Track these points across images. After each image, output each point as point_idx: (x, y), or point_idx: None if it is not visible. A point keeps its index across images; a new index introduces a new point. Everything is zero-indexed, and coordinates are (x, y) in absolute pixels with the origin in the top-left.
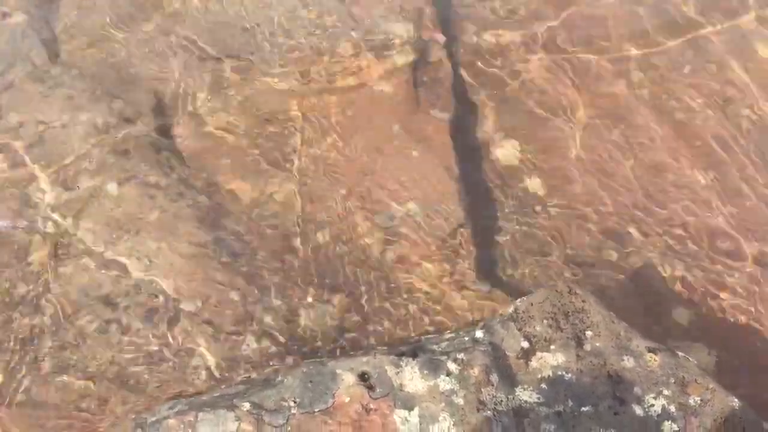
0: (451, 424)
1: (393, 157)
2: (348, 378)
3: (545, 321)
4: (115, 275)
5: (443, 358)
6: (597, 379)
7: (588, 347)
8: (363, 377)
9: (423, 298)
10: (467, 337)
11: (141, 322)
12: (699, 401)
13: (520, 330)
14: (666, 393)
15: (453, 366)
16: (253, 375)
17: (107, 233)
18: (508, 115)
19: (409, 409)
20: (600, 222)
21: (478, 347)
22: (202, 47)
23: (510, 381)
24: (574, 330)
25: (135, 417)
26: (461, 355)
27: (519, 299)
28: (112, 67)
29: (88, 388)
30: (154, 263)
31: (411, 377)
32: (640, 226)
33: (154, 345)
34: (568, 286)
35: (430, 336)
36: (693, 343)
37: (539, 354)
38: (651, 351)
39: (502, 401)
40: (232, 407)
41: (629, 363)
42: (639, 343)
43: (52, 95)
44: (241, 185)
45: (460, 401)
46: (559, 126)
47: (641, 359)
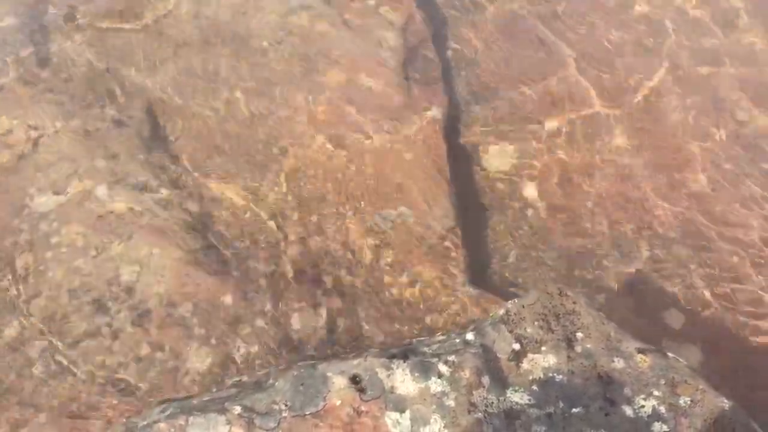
0: (442, 426)
1: (385, 160)
2: (339, 381)
3: (536, 323)
4: (106, 279)
5: (434, 360)
6: (588, 381)
7: (579, 349)
8: (354, 380)
9: (414, 301)
10: (458, 340)
11: (132, 326)
12: (689, 402)
13: (511, 332)
14: (656, 394)
15: (444, 368)
16: (244, 378)
17: (97, 237)
18: (502, 117)
19: (401, 412)
20: (592, 225)
21: (469, 349)
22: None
23: (501, 383)
24: (564, 332)
25: (126, 421)
26: (452, 358)
27: (510, 301)
28: (103, 71)
29: (78, 392)
30: (145, 267)
31: (402, 379)
32: (634, 228)
33: (144, 349)
34: (558, 288)
35: (421, 338)
36: (683, 345)
37: (530, 356)
38: (641, 352)
39: (493, 403)
40: (222, 411)
41: (619, 364)
42: (629, 345)
43: (43, 100)
44: (233, 187)
45: (451, 403)
46: (552, 129)
47: (631, 360)
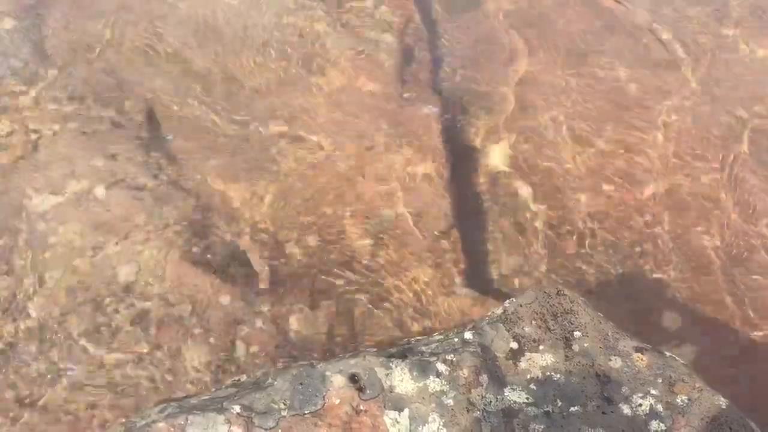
0: (441, 424)
1: (382, 160)
2: (338, 380)
3: (534, 322)
4: (104, 279)
5: (433, 359)
6: (585, 380)
7: (576, 348)
8: (353, 379)
9: (412, 301)
10: (456, 339)
11: (130, 325)
12: (686, 400)
13: (509, 331)
14: (654, 392)
15: (442, 367)
16: (243, 378)
17: (95, 237)
18: (499, 116)
19: (399, 411)
20: (590, 226)
21: (467, 348)
22: (191, 51)
23: (499, 382)
24: (562, 331)
25: (124, 421)
26: (451, 356)
27: (508, 300)
28: (102, 72)
29: (76, 391)
30: (143, 267)
31: (401, 378)
32: (631, 228)
33: (143, 348)
34: (556, 287)
35: (419, 338)
36: (680, 344)
37: (528, 355)
38: (638, 351)
39: (491, 402)
40: (222, 410)
41: (617, 363)
42: (626, 344)
43: (41, 100)
44: (231, 188)
45: (449, 402)
46: (551, 128)
47: (629, 359)
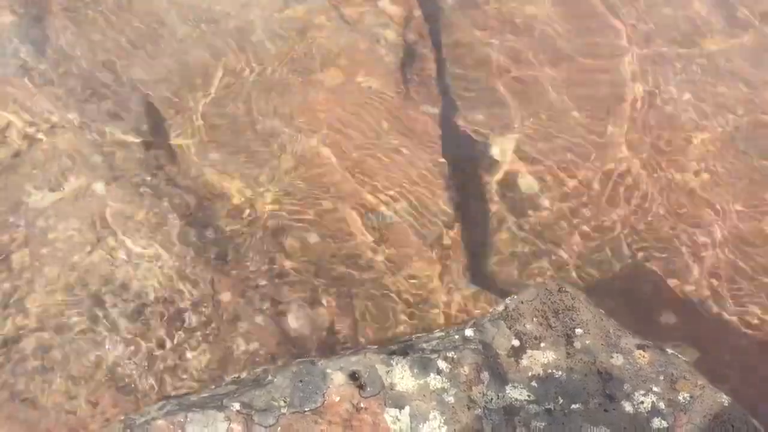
0: (442, 422)
1: (383, 156)
2: (338, 377)
3: (535, 319)
4: (103, 275)
5: (433, 356)
6: (587, 377)
7: (578, 345)
8: (353, 376)
9: (413, 298)
10: (457, 336)
11: (129, 321)
12: (688, 398)
13: (510, 328)
14: (655, 390)
15: (443, 364)
16: (243, 375)
17: (94, 233)
18: (499, 112)
19: (400, 408)
20: (592, 222)
21: (468, 345)
22: (191, 46)
23: (500, 379)
24: (564, 328)
25: (124, 418)
26: (451, 354)
27: (509, 297)
28: (101, 66)
29: (75, 388)
30: (142, 263)
31: (401, 376)
32: (632, 226)
33: (142, 345)
34: (557, 284)
35: (420, 335)
36: (682, 342)
37: (529, 352)
38: (640, 348)
39: (492, 399)
40: (221, 407)
41: (619, 360)
42: (628, 341)
43: (39, 95)
44: (231, 184)
45: (450, 400)
46: (551, 122)
47: (630, 356)
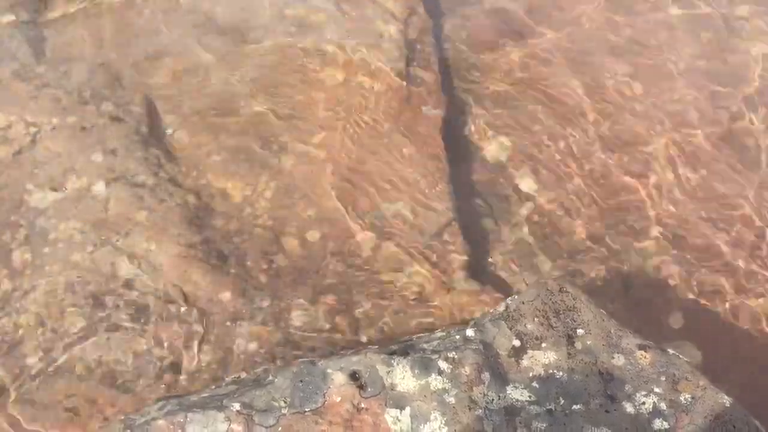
0: (443, 422)
1: (383, 155)
2: (339, 377)
3: (536, 319)
4: (104, 275)
5: (434, 356)
6: (588, 377)
7: (579, 345)
8: (354, 376)
9: (413, 297)
10: (458, 336)
11: (130, 321)
12: (690, 399)
13: (511, 328)
14: (657, 390)
15: (444, 365)
16: (243, 375)
17: (95, 233)
18: (498, 112)
19: (401, 408)
20: (591, 221)
21: (469, 346)
22: (191, 45)
23: (501, 379)
24: (565, 328)
25: (124, 418)
26: (452, 354)
27: (510, 297)
28: (101, 66)
29: (75, 388)
30: (143, 264)
31: (402, 376)
32: (632, 225)
33: (142, 345)
34: (559, 284)
35: (421, 335)
36: (684, 342)
37: (530, 352)
38: (641, 348)
39: (493, 400)
40: (221, 407)
41: (620, 361)
42: (629, 341)
43: (39, 95)
44: (231, 183)
45: (451, 400)
46: (551, 122)
47: (632, 357)
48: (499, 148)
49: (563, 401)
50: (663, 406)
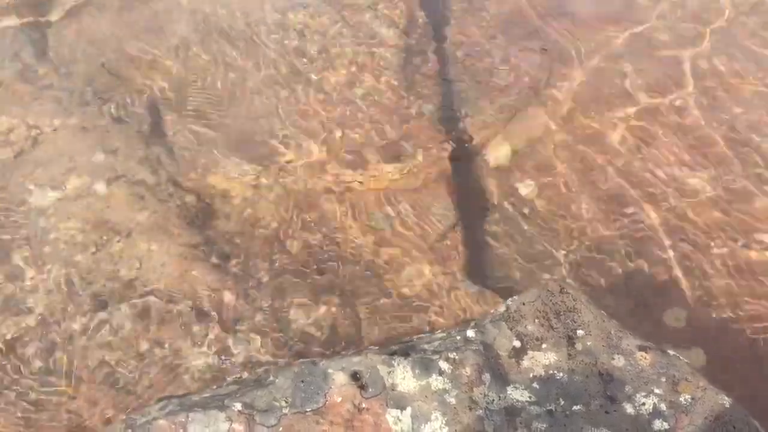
0: (443, 423)
1: (384, 156)
2: (340, 378)
3: (537, 320)
4: (105, 275)
5: (435, 357)
6: (588, 378)
7: (579, 346)
8: (355, 377)
9: (414, 299)
10: (459, 337)
11: (131, 322)
12: (690, 399)
13: (511, 329)
14: (657, 391)
15: (445, 365)
16: (244, 375)
17: (96, 233)
18: (500, 114)
19: (402, 409)
20: (591, 223)
21: (469, 346)
22: (193, 47)
23: (502, 380)
24: (565, 329)
25: (125, 418)
26: (453, 355)
27: (510, 298)
28: (103, 67)
29: (78, 388)
30: (144, 264)
31: (403, 377)
32: (632, 226)
33: (144, 345)
34: (559, 285)
35: (421, 335)
36: (685, 343)
37: (531, 353)
38: (642, 349)
39: (494, 400)
40: (223, 407)
41: (620, 362)
42: (630, 342)
43: (41, 96)
44: (232, 184)
45: (452, 400)
46: (552, 126)
47: (632, 358)
48: (501, 149)
49: (563, 402)
50: (663, 406)
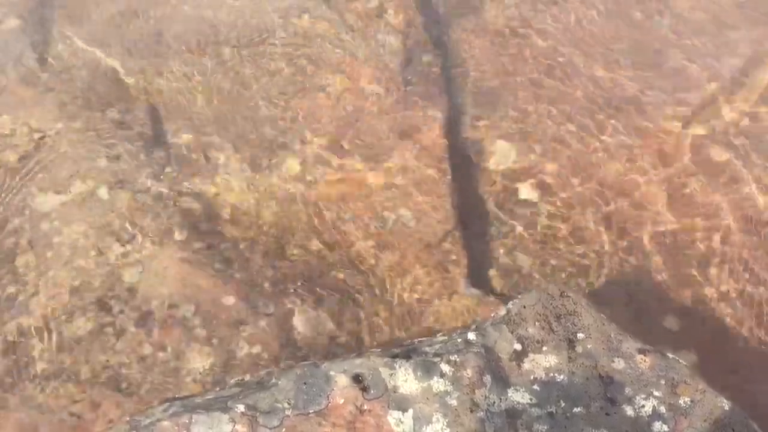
0: (445, 425)
1: (385, 160)
2: (342, 380)
3: (537, 323)
4: (108, 279)
5: (436, 359)
6: (589, 381)
7: (579, 349)
8: (357, 379)
9: (415, 302)
10: (460, 339)
11: (134, 326)
12: (689, 402)
13: (512, 332)
14: (656, 394)
15: (446, 368)
16: (247, 377)
17: (99, 237)
18: (501, 117)
19: (403, 411)
20: (593, 227)
21: (471, 349)
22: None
23: (503, 382)
24: (565, 332)
25: (129, 419)
26: (454, 357)
27: (511, 302)
28: (105, 71)
29: (80, 391)
30: (147, 267)
31: (405, 379)
32: (632, 230)
33: (147, 349)
34: (559, 288)
35: (423, 338)
36: (683, 347)
37: (531, 356)
38: (641, 352)
39: (495, 402)
40: (226, 409)
41: (620, 364)
42: (629, 345)
43: (44, 100)
44: (235, 189)
45: (453, 402)
46: (553, 127)
47: (632, 361)
48: (502, 153)
49: (564, 404)
50: (662, 409)
